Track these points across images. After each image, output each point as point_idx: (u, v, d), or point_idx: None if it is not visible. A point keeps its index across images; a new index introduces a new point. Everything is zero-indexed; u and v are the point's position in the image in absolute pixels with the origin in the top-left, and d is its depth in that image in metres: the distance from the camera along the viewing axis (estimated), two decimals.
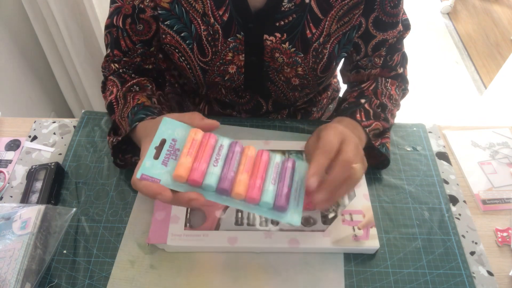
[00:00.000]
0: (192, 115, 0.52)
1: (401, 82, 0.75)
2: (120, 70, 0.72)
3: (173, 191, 0.46)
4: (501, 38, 2.46)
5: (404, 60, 0.75)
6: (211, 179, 0.47)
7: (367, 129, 0.63)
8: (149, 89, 0.69)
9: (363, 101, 0.67)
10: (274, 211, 0.49)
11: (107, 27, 0.70)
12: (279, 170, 0.52)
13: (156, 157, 0.48)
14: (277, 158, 0.53)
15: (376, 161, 0.68)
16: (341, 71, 0.81)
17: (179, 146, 0.49)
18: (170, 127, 0.50)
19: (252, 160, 0.51)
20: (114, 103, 0.67)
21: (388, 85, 0.72)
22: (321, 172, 0.49)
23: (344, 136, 0.53)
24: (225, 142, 0.52)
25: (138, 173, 0.47)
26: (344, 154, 0.50)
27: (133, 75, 0.71)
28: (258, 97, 0.79)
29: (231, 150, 0.51)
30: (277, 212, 0.49)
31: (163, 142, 0.49)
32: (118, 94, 0.67)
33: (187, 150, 0.48)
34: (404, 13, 0.70)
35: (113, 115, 0.66)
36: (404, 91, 0.76)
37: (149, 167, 0.47)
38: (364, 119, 0.64)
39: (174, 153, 0.49)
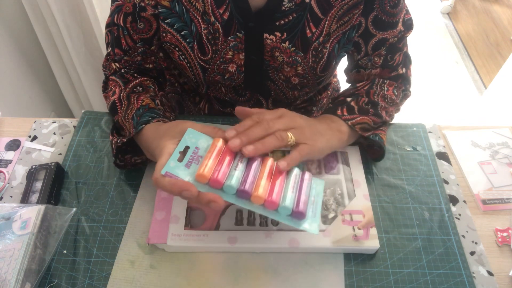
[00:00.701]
0: (214, 129, 0.54)
1: (402, 83, 0.74)
2: (122, 70, 0.72)
3: None
4: (501, 38, 2.46)
5: (406, 60, 0.74)
6: (233, 181, 0.49)
7: (349, 122, 0.63)
8: (152, 90, 0.70)
9: (349, 99, 0.68)
10: (293, 218, 0.50)
11: (107, 25, 0.70)
12: (297, 180, 0.54)
13: (180, 160, 0.50)
14: (295, 170, 0.54)
15: (371, 152, 0.69)
16: (345, 71, 0.81)
17: (201, 154, 0.52)
18: (194, 137, 0.52)
19: (271, 169, 0.53)
20: (118, 104, 0.67)
21: (385, 86, 0.71)
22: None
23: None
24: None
25: (162, 170, 0.48)
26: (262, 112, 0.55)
27: (135, 75, 0.72)
28: (258, 95, 0.79)
29: (252, 158, 0.53)
30: (295, 219, 0.50)
31: (186, 149, 0.51)
32: (122, 95, 0.67)
33: (210, 154, 0.50)
34: (407, 13, 0.69)
35: (116, 116, 0.66)
36: (404, 92, 0.75)
37: (173, 167, 0.49)
38: (345, 114, 0.64)
39: (196, 158, 0.51)
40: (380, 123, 0.69)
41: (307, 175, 0.55)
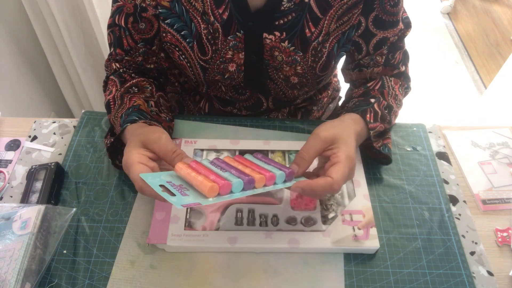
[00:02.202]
0: (166, 154, 0.54)
1: (404, 80, 0.76)
2: (121, 70, 0.72)
3: None
4: (501, 38, 2.46)
5: (405, 58, 0.75)
6: (236, 179, 0.49)
7: (371, 132, 0.64)
8: (148, 91, 0.70)
9: (372, 100, 0.67)
10: (286, 181, 0.54)
11: (109, 26, 0.70)
12: (265, 160, 0.57)
13: (172, 194, 0.48)
14: (248, 156, 0.58)
15: (377, 157, 0.69)
16: (342, 70, 0.81)
17: (179, 183, 0.50)
18: (154, 177, 0.50)
19: (243, 161, 0.55)
20: (111, 103, 0.67)
21: (393, 83, 0.72)
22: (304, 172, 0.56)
23: (338, 138, 0.56)
24: (209, 158, 0.58)
25: (177, 205, 0.45)
26: (333, 173, 0.53)
27: (133, 75, 0.72)
28: (258, 94, 0.79)
29: (219, 161, 0.54)
30: (289, 180, 0.54)
31: (163, 187, 0.49)
32: (116, 94, 0.68)
33: (192, 175, 0.49)
34: (404, 11, 0.70)
35: (109, 115, 0.67)
36: (406, 89, 0.77)
37: (178, 200, 0.46)
38: (372, 121, 0.64)
39: (180, 187, 0.49)
40: (389, 128, 0.70)
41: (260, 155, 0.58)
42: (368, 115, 0.64)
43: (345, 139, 0.57)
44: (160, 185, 0.48)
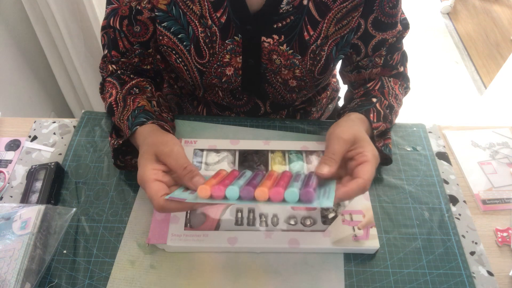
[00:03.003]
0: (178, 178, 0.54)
1: (403, 80, 0.76)
2: (119, 72, 0.72)
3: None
4: (501, 38, 2.46)
5: (404, 58, 0.76)
6: (234, 185, 0.47)
7: (375, 131, 0.64)
8: (148, 91, 0.70)
9: (374, 100, 0.67)
10: (302, 202, 0.47)
11: (103, 28, 0.70)
12: (302, 174, 0.54)
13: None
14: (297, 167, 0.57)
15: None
16: (340, 72, 0.81)
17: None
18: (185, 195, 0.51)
19: (276, 177, 0.52)
20: (114, 106, 0.67)
21: (392, 83, 0.72)
22: (334, 165, 0.54)
23: (358, 138, 0.56)
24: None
25: (173, 195, 0.48)
26: (364, 174, 0.52)
27: (131, 76, 0.72)
28: (256, 99, 0.79)
29: (260, 173, 0.53)
30: (305, 203, 0.47)
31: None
32: (118, 96, 0.67)
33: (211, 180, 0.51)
34: (402, 13, 0.70)
35: (113, 117, 0.66)
36: (406, 89, 0.77)
37: (177, 194, 0.49)
38: (375, 120, 0.64)
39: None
40: (389, 128, 0.70)
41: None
42: (371, 115, 0.64)
43: (366, 138, 0.57)
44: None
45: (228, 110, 0.83)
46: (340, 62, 0.78)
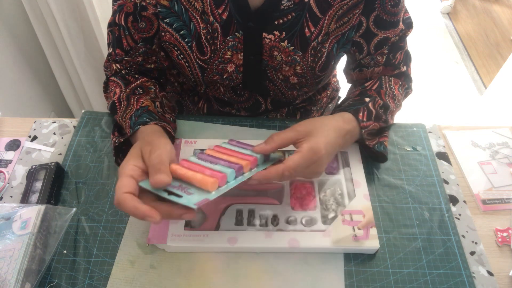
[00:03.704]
0: (154, 164, 0.51)
1: (405, 80, 0.75)
2: (123, 72, 0.72)
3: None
4: (501, 38, 2.46)
5: (407, 58, 0.75)
6: (228, 169, 0.51)
7: (363, 130, 0.64)
8: (152, 92, 0.70)
9: (367, 99, 0.67)
10: (266, 163, 0.58)
11: (109, 25, 0.70)
12: (241, 145, 0.60)
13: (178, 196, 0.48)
14: (225, 144, 0.61)
15: (373, 155, 0.69)
16: (344, 70, 0.81)
17: (177, 183, 0.50)
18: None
19: (222, 151, 0.58)
20: (117, 104, 0.67)
21: (392, 83, 0.72)
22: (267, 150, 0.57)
23: (312, 131, 0.57)
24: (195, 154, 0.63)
25: (190, 204, 0.46)
26: (288, 161, 0.54)
27: (136, 76, 0.72)
28: (257, 95, 0.79)
29: (206, 155, 0.56)
30: (268, 162, 0.58)
31: (168, 192, 0.49)
32: (121, 95, 0.67)
33: (190, 174, 0.50)
34: (406, 12, 0.70)
35: (116, 116, 0.66)
36: (407, 90, 0.76)
37: (188, 201, 0.46)
38: (365, 119, 0.64)
39: (181, 187, 0.49)
40: (386, 127, 0.70)
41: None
42: (360, 114, 0.64)
43: (317, 133, 0.57)
44: (164, 190, 0.49)
45: (229, 106, 0.83)
46: (341, 61, 0.78)
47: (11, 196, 0.65)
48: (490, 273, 0.58)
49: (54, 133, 0.74)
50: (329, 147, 0.57)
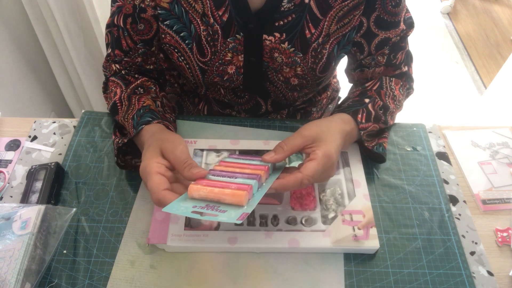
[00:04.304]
0: (180, 165, 0.53)
1: (406, 81, 0.75)
2: (123, 72, 0.72)
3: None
4: (501, 38, 2.46)
5: (408, 58, 0.75)
6: (251, 181, 0.51)
7: (362, 132, 0.64)
8: (153, 91, 0.70)
9: (367, 100, 0.67)
10: (274, 170, 0.58)
11: (108, 26, 0.70)
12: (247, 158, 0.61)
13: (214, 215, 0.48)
14: (229, 158, 0.61)
15: (371, 155, 0.69)
16: (345, 70, 0.81)
17: (204, 204, 0.49)
18: (177, 207, 0.48)
19: (232, 165, 0.57)
20: (118, 105, 0.67)
21: (393, 84, 0.72)
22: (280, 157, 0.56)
23: (320, 136, 0.57)
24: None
25: (233, 220, 0.45)
26: (305, 170, 0.53)
27: (136, 76, 0.72)
28: (257, 97, 0.79)
29: (219, 171, 0.55)
30: (276, 169, 0.59)
31: (196, 211, 0.48)
32: (122, 95, 0.67)
33: (216, 191, 0.49)
34: (407, 12, 0.70)
35: (117, 116, 0.66)
36: (408, 90, 0.76)
37: (229, 216, 0.46)
38: (363, 121, 0.64)
39: (208, 206, 0.48)
40: (385, 128, 0.70)
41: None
42: (359, 115, 0.64)
43: (326, 138, 0.57)
44: (193, 212, 0.47)
45: (229, 107, 0.83)
46: (342, 61, 0.78)
47: (11, 196, 0.65)
48: (490, 273, 0.58)
49: (54, 133, 0.74)
50: (338, 150, 0.58)
